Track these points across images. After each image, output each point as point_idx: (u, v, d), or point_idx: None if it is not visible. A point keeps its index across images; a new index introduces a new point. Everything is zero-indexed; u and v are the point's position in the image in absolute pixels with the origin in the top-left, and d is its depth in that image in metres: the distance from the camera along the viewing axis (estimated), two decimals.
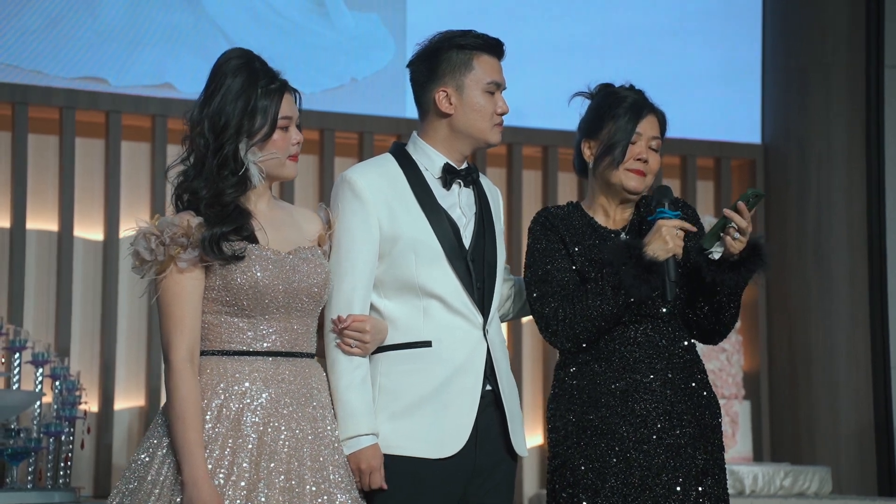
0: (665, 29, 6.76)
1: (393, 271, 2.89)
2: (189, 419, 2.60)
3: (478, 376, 2.89)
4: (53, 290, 5.77)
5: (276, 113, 2.74)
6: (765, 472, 5.98)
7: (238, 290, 2.67)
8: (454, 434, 2.86)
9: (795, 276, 6.60)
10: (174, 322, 2.65)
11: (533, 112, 6.41)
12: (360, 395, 2.81)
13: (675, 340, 3.03)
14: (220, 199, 2.69)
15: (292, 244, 2.78)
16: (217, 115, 2.71)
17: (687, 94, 6.69)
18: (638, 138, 3.06)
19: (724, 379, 6.38)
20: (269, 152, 2.74)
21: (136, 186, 5.96)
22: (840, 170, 6.55)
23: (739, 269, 2.96)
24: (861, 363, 6.44)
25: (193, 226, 2.65)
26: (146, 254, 2.65)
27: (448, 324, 2.89)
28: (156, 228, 2.66)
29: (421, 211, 2.90)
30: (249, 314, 2.69)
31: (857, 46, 6.58)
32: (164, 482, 2.63)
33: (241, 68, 2.74)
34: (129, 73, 5.91)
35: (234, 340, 2.70)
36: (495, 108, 2.95)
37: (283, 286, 2.70)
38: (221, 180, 2.70)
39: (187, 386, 2.62)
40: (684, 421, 2.98)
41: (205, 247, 2.64)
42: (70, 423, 4.98)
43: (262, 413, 2.66)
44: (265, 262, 2.69)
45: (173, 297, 2.65)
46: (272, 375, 2.70)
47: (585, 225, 3.08)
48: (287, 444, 2.66)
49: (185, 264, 2.64)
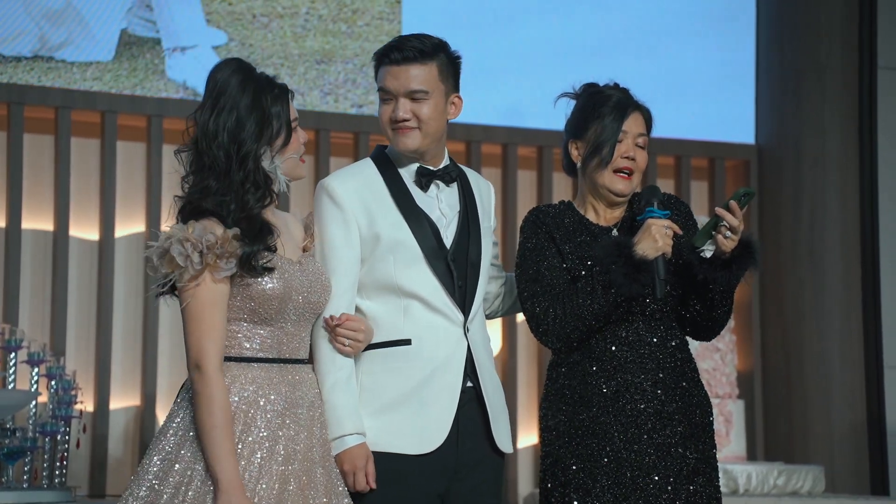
0: (660, 30, 6.78)
1: (373, 273, 2.92)
2: (226, 428, 2.62)
3: (458, 373, 2.92)
4: (49, 289, 5.78)
5: (288, 116, 2.78)
6: (758, 472, 5.99)
7: (260, 298, 2.71)
8: (434, 430, 2.88)
9: (789, 276, 6.61)
10: (206, 330, 2.65)
11: (528, 112, 6.43)
12: (345, 396, 2.84)
13: (667, 340, 3.05)
14: (247, 213, 2.72)
15: (296, 251, 2.85)
16: (236, 129, 2.73)
17: (681, 94, 6.71)
18: (624, 136, 3.07)
19: (718, 378, 6.40)
20: (287, 156, 2.80)
21: (131, 187, 5.96)
22: (834, 171, 6.57)
23: (731, 266, 2.97)
24: (854, 363, 6.46)
25: (230, 237, 2.66)
26: (180, 259, 2.65)
27: (428, 322, 2.92)
28: (192, 235, 2.66)
29: (399, 214, 2.93)
30: (267, 322, 2.73)
31: (850, 48, 6.60)
32: (189, 489, 2.63)
33: (247, 80, 2.76)
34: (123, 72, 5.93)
35: (249, 348, 2.73)
36: (388, 115, 2.96)
37: (301, 293, 2.76)
38: (246, 193, 2.72)
39: (222, 394, 2.64)
40: (675, 420, 3.00)
41: (242, 264, 2.67)
42: (66, 423, 4.99)
43: (279, 422, 2.70)
44: (282, 271, 2.74)
45: (207, 305, 2.66)
46: (282, 382, 2.74)
47: (577, 222, 3.09)
48: (302, 447, 2.70)
49: (223, 274, 2.66)
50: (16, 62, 5.76)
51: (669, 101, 6.55)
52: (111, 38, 5.92)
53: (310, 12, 6.27)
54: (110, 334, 5.78)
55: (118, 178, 5.89)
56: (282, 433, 2.69)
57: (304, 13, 6.26)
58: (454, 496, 2.93)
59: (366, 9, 6.35)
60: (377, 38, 6.29)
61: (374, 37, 6.31)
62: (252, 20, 6.17)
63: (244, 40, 6.06)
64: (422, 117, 2.92)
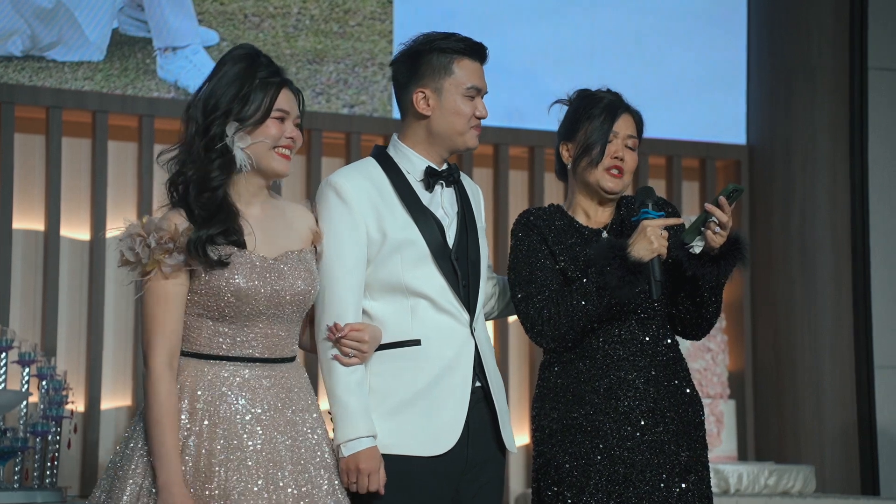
0: (651, 31, 6.79)
1: (379, 273, 2.90)
2: (167, 424, 2.60)
3: (467, 373, 2.91)
4: (40, 289, 5.77)
5: (271, 102, 2.73)
6: (749, 471, 6.00)
7: (220, 296, 2.67)
8: (446, 431, 2.87)
9: (780, 275, 6.63)
10: (155, 326, 2.66)
11: (519, 113, 6.43)
12: (357, 398, 2.82)
13: (659, 338, 3.06)
14: (207, 184, 2.68)
15: (282, 248, 2.77)
16: (209, 97, 2.72)
17: (672, 95, 6.72)
18: (614, 137, 3.08)
19: (709, 378, 6.41)
20: (256, 139, 2.73)
21: (122, 186, 5.96)
22: (824, 170, 6.58)
23: (720, 262, 2.98)
24: (845, 362, 6.48)
25: (181, 230, 2.64)
26: (130, 255, 2.65)
27: (436, 322, 2.90)
28: (143, 230, 2.65)
29: (406, 213, 2.91)
30: (231, 320, 2.69)
31: (841, 48, 6.61)
32: (141, 487, 2.63)
33: (243, 58, 2.74)
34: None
35: (214, 345, 2.70)
36: (474, 111, 2.95)
37: (267, 294, 2.69)
38: (208, 162, 2.69)
39: (165, 391, 2.62)
40: (667, 418, 3.00)
41: (190, 250, 2.64)
42: (57, 423, 4.97)
43: (238, 419, 2.66)
44: (249, 268, 2.69)
45: (156, 300, 2.66)
46: (250, 382, 2.70)
47: (567, 225, 3.10)
48: (263, 448, 2.66)
49: (170, 269, 2.64)
50: (6, 62, 5.75)
51: (660, 102, 6.56)
52: (102, 38, 5.91)
53: (301, 12, 6.27)
54: (101, 334, 5.77)
55: (109, 178, 5.88)
56: (232, 435, 2.65)
57: (295, 13, 6.26)
58: (463, 496, 2.92)
59: (357, 9, 6.35)
60: (369, 37, 6.29)
61: (365, 37, 6.32)
62: (244, 20, 6.17)
63: (236, 40, 6.06)
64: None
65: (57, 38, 5.87)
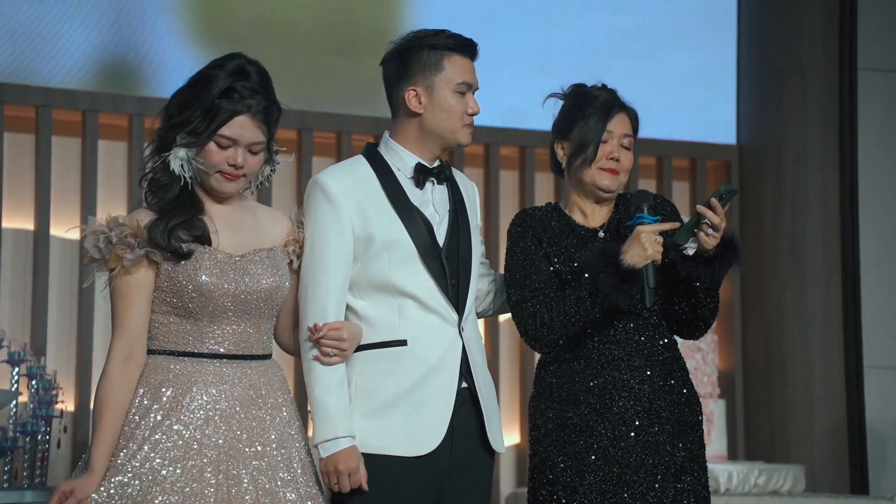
0: (641, 31, 6.80)
1: (367, 272, 2.89)
2: (105, 417, 2.67)
3: (453, 374, 2.90)
4: (29, 289, 5.75)
5: (216, 127, 2.70)
6: (739, 471, 6.01)
7: (183, 292, 2.68)
8: (430, 432, 2.87)
9: (770, 276, 6.64)
10: (115, 322, 2.71)
11: (511, 113, 6.43)
12: (337, 398, 2.81)
13: (655, 338, 3.06)
14: (158, 183, 2.76)
15: (248, 247, 2.77)
16: (171, 103, 2.76)
17: (663, 95, 6.72)
18: (609, 136, 3.07)
19: (699, 378, 6.42)
20: (199, 159, 2.75)
21: (112, 185, 5.94)
22: (814, 171, 6.59)
23: (714, 264, 2.98)
24: (835, 362, 6.49)
25: (143, 226, 2.67)
26: (94, 252, 2.69)
27: (423, 322, 2.90)
28: (105, 227, 2.69)
29: (394, 211, 2.91)
30: (197, 316, 2.70)
31: (831, 49, 6.63)
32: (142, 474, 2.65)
33: (216, 69, 2.73)
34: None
35: (181, 342, 2.71)
36: (466, 108, 2.94)
37: (231, 290, 2.70)
38: (159, 164, 2.76)
39: (112, 386, 2.69)
40: (662, 418, 3.00)
41: (151, 237, 2.66)
42: (46, 423, 4.96)
43: (202, 414, 2.67)
44: (212, 264, 2.69)
45: (119, 296, 2.70)
46: (216, 378, 2.70)
47: (563, 225, 3.10)
48: (224, 444, 2.67)
49: (130, 262, 2.66)
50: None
51: (651, 102, 6.54)
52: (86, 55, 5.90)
53: None
54: (91, 334, 5.75)
55: (99, 178, 5.87)
56: (194, 431, 2.66)
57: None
58: (446, 497, 2.91)
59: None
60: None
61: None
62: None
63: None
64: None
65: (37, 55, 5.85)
